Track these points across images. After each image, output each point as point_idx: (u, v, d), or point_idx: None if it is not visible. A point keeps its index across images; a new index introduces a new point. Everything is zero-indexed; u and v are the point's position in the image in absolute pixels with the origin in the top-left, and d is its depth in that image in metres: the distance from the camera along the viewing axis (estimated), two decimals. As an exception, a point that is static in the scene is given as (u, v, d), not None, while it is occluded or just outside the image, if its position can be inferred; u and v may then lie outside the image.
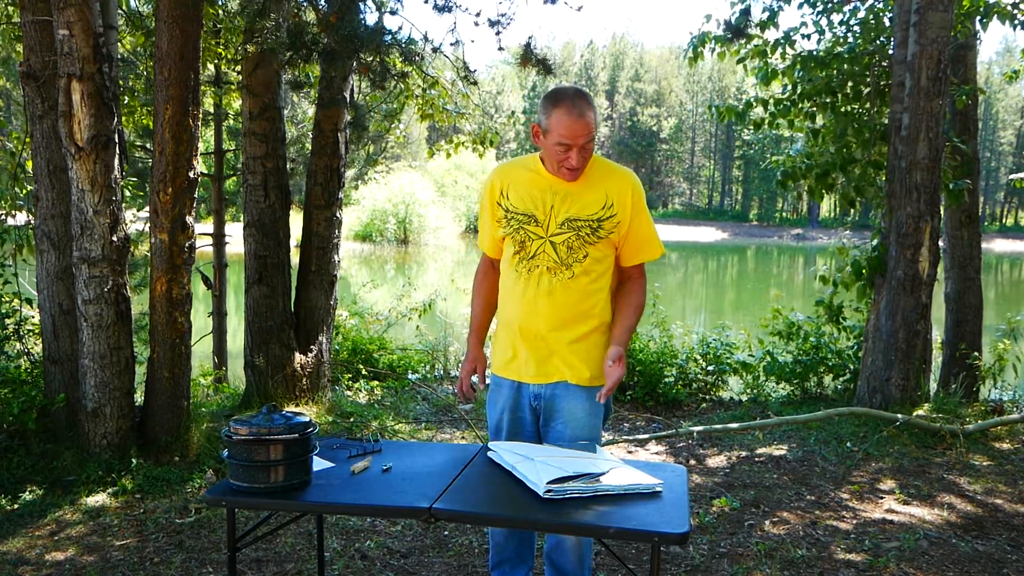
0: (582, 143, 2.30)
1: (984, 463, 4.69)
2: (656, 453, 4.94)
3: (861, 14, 6.98)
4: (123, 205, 4.13)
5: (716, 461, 4.73)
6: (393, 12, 6.01)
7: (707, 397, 6.52)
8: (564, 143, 2.30)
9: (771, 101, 7.10)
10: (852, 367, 6.40)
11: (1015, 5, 6.82)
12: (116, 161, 4.00)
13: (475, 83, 6.15)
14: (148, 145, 7.42)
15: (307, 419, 2.15)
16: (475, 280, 2.70)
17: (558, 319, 2.41)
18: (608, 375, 2.34)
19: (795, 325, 6.75)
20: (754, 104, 7.27)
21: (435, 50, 5.35)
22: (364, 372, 6.66)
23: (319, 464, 2.28)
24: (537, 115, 2.38)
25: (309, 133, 6.95)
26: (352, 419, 5.29)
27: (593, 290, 2.42)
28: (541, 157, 2.46)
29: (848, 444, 4.94)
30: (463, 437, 5.21)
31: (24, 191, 4.93)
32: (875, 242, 5.96)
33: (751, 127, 7.41)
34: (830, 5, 7.11)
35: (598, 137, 2.50)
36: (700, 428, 5.26)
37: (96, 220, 3.91)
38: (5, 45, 6.10)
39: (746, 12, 6.74)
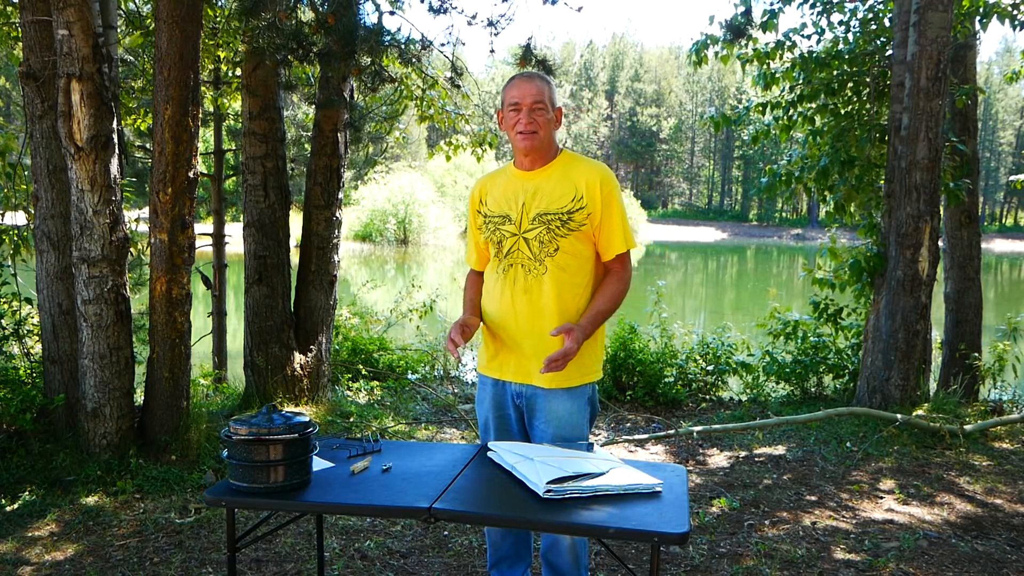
0: (530, 103, 2.37)
1: (984, 463, 4.69)
2: (656, 453, 4.94)
3: (861, 14, 6.99)
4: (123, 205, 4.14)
5: (716, 461, 4.73)
6: (392, 13, 6.01)
7: (707, 397, 6.51)
8: (513, 103, 2.39)
9: (769, 106, 7.09)
10: (852, 367, 6.40)
11: (1015, 5, 6.82)
12: (116, 161, 4.00)
13: (459, 87, 6.19)
14: (148, 145, 7.42)
15: (307, 419, 2.15)
16: (464, 288, 2.73)
17: (535, 317, 2.41)
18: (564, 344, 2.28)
19: (789, 324, 6.74)
20: (752, 111, 7.26)
21: (427, 48, 5.35)
22: (364, 372, 6.66)
23: (319, 464, 2.28)
24: None
25: (309, 133, 6.94)
26: (352, 419, 5.29)
27: (569, 286, 2.42)
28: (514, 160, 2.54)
29: (848, 444, 4.94)
30: (463, 437, 5.21)
31: (21, 187, 4.92)
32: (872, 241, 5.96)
33: (751, 140, 7.41)
34: (830, 5, 7.11)
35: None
36: (700, 428, 5.26)
37: (96, 220, 3.91)
38: (4, 45, 6.09)
39: (747, 13, 6.74)
